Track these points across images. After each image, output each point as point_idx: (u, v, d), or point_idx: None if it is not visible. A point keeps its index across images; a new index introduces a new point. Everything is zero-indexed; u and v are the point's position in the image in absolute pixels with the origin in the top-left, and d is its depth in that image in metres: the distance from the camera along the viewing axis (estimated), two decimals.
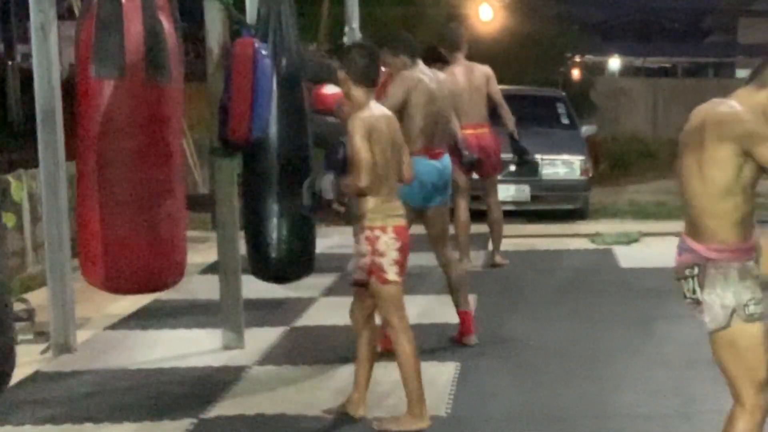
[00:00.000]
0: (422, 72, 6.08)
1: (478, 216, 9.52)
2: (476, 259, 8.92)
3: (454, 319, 6.70)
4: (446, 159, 6.15)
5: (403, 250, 4.75)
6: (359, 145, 4.56)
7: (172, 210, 5.07)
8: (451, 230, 7.00)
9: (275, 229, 6.05)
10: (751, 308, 3.61)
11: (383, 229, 4.68)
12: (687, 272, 3.63)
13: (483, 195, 8.90)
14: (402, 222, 4.77)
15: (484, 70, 8.68)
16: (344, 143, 4.69)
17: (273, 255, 6.00)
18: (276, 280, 6.40)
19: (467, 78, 8.51)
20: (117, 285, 5.14)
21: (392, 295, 4.75)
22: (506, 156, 10.94)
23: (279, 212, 6.00)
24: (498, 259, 8.75)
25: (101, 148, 4.90)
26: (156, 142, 4.94)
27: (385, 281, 4.71)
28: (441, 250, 6.22)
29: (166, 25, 4.93)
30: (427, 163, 5.93)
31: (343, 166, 4.69)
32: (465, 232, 8.44)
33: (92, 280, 5.19)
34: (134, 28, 4.79)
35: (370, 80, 4.72)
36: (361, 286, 4.82)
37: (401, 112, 5.77)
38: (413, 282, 7.89)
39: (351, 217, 5.27)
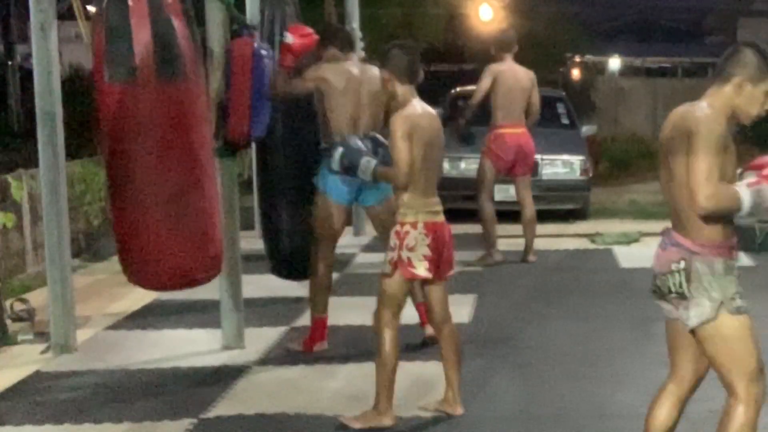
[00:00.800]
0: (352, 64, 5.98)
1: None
2: (476, 258, 8.92)
3: (454, 319, 6.69)
4: None
5: (436, 247, 4.76)
6: (399, 145, 4.67)
7: (203, 204, 5.08)
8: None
9: (291, 228, 6.12)
10: (738, 301, 3.74)
11: (414, 225, 4.73)
12: (673, 267, 3.65)
13: (517, 195, 9.07)
14: (436, 219, 4.81)
15: (530, 74, 8.96)
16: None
17: (289, 253, 6.07)
18: (292, 277, 6.50)
19: (513, 78, 8.78)
20: (157, 283, 5.23)
21: (397, 289, 4.77)
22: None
23: (294, 212, 6.05)
24: (530, 257, 8.94)
25: (120, 149, 4.94)
26: (174, 140, 4.95)
27: (413, 276, 4.75)
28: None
29: (177, 24, 4.94)
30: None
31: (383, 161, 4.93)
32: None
33: (134, 280, 5.24)
34: (142, 31, 4.80)
35: (413, 77, 4.82)
36: (386, 277, 4.80)
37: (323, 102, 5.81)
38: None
39: None
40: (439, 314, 5.00)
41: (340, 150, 5.03)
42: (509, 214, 9.66)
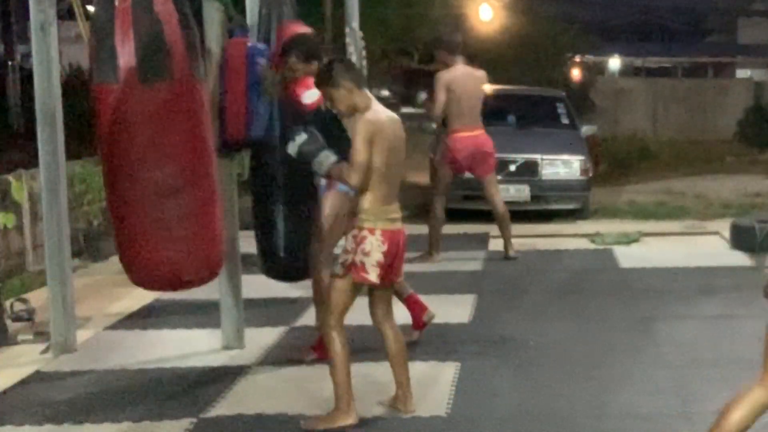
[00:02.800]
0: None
1: (484, 216, 9.54)
2: (476, 258, 8.93)
3: (454, 319, 6.72)
4: None
5: (390, 254, 4.77)
6: (359, 147, 4.67)
7: (195, 205, 5.05)
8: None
9: (284, 228, 6.08)
10: None
11: (372, 231, 4.74)
12: None
13: (485, 194, 9.07)
14: (394, 226, 4.81)
15: (482, 75, 8.98)
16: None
17: (283, 254, 6.04)
18: (286, 278, 6.46)
19: (467, 83, 8.77)
20: (160, 284, 5.20)
21: (347, 292, 4.79)
22: (507, 156, 10.99)
23: (287, 212, 6.03)
24: (511, 252, 9.00)
25: (110, 150, 4.93)
26: (162, 140, 4.92)
27: (364, 280, 4.75)
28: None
29: (168, 24, 4.91)
30: None
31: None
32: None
33: (132, 279, 5.20)
34: (126, 31, 4.79)
35: (362, 82, 4.84)
36: (336, 277, 4.82)
37: None
38: (413, 282, 7.91)
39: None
40: (381, 314, 4.98)
41: (303, 136, 4.93)
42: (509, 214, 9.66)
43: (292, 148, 4.94)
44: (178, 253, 4.98)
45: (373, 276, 4.74)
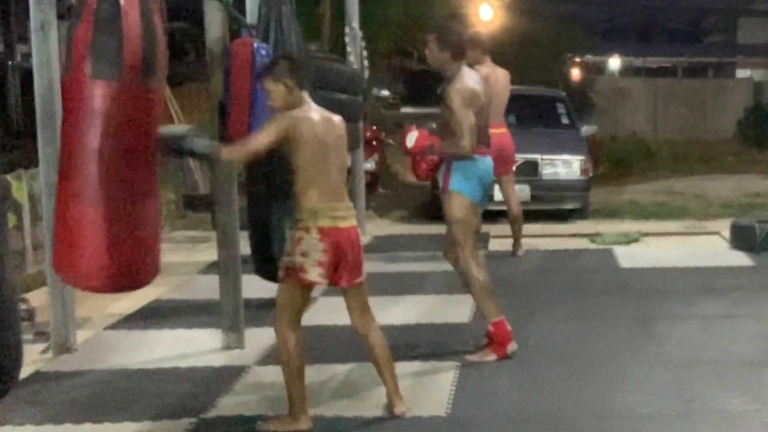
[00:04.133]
0: (469, 76, 5.98)
1: (484, 215, 9.52)
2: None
3: (454, 319, 6.72)
4: (489, 159, 6.19)
5: (333, 252, 4.69)
6: (266, 129, 4.65)
7: (153, 211, 5.06)
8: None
9: (279, 229, 6.07)
10: None
11: (307, 230, 4.68)
12: None
13: (502, 193, 9.30)
14: (336, 224, 4.71)
15: (506, 73, 9.16)
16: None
17: (277, 255, 6.02)
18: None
19: (497, 80, 8.90)
20: (95, 284, 5.06)
21: (291, 295, 4.77)
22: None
23: (283, 213, 6.01)
24: (519, 252, 9.19)
25: (90, 147, 4.85)
26: (143, 142, 4.92)
27: (303, 281, 4.71)
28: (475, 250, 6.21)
29: (159, 27, 4.92)
30: (484, 161, 6.08)
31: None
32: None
33: (68, 277, 5.12)
34: (133, 30, 4.77)
35: (301, 82, 4.75)
36: (280, 281, 4.82)
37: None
38: (413, 282, 7.92)
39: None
40: (360, 321, 4.93)
41: (184, 126, 5.07)
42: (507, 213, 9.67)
43: (168, 141, 4.94)
44: (138, 256, 4.98)
45: (313, 275, 4.68)
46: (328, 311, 7.01)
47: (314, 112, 4.77)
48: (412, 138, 5.97)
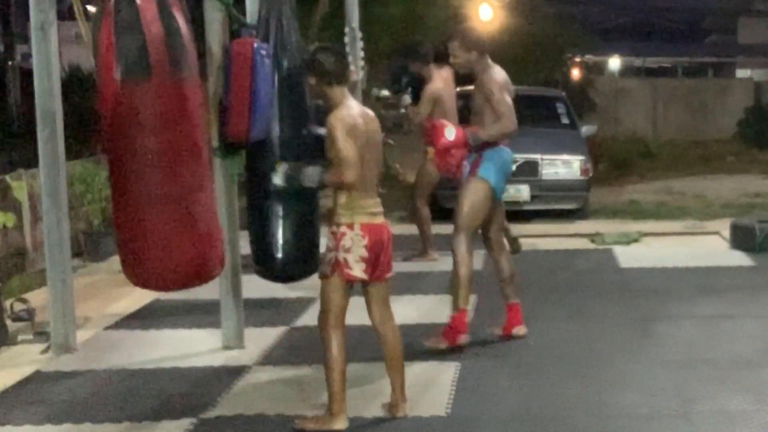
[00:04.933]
0: (498, 69, 6.30)
1: None
2: (476, 258, 8.91)
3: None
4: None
5: (374, 248, 4.73)
6: (342, 143, 4.63)
7: (207, 203, 5.06)
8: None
9: (279, 229, 6.06)
10: None
11: (350, 226, 4.70)
12: None
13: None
14: (374, 220, 4.77)
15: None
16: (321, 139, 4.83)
17: (278, 255, 6.02)
18: (280, 279, 6.43)
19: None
20: (161, 282, 5.10)
21: (336, 291, 4.75)
22: None
23: (283, 213, 6.01)
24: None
25: (132, 147, 4.86)
26: (184, 137, 4.91)
27: (349, 277, 4.72)
28: (498, 238, 6.45)
29: (182, 21, 4.92)
30: (509, 152, 6.24)
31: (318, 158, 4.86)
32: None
33: (137, 281, 5.12)
34: (154, 28, 4.77)
35: (341, 78, 4.79)
36: (324, 278, 4.80)
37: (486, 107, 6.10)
38: (414, 282, 7.91)
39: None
40: (378, 315, 4.94)
41: (283, 165, 4.97)
42: (509, 214, 9.66)
43: (278, 179, 4.95)
44: (197, 251, 4.96)
45: (357, 272, 4.71)
46: None
47: (356, 107, 4.81)
48: (451, 131, 6.11)
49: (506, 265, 6.44)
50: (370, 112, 4.91)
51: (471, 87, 6.57)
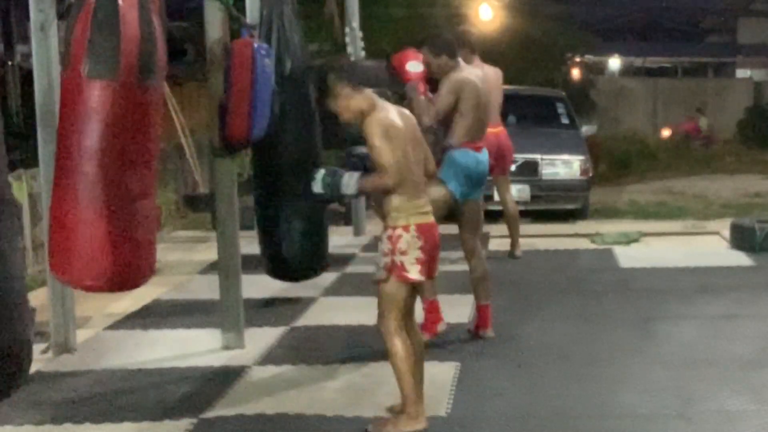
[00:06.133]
0: (469, 71, 6.34)
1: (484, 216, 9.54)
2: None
3: (455, 318, 6.71)
4: (485, 153, 6.40)
5: (428, 249, 4.73)
6: (380, 146, 4.57)
7: (149, 212, 5.05)
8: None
9: (288, 228, 6.08)
10: None
11: (406, 228, 4.68)
12: None
13: (498, 193, 9.23)
14: (427, 219, 4.76)
15: (498, 72, 9.03)
16: (364, 155, 4.74)
17: (287, 254, 6.04)
18: (291, 278, 6.46)
19: (486, 79, 8.80)
20: (92, 283, 4.99)
21: (396, 294, 4.71)
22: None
23: (292, 212, 6.03)
24: (517, 252, 9.15)
25: (85, 147, 4.83)
26: (138, 143, 4.90)
27: (407, 280, 4.70)
28: (470, 240, 6.41)
29: (158, 26, 4.91)
30: (473, 154, 6.22)
31: (364, 170, 4.74)
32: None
33: (65, 277, 5.06)
34: (131, 29, 4.76)
35: (358, 85, 4.72)
36: (380, 282, 4.74)
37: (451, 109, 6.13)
38: None
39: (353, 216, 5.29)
40: (410, 315, 4.93)
41: (321, 171, 4.85)
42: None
43: (317, 187, 4.81)
44: (134, 257, 4.93)
45: (414, 273, 4.68)
46: (328, 311, 7.02)
47: (392, 110, 4.77)
48: (415, 65, 6.10)
49: (478, 266, 6.45)
50: (406, 111, 4.89)
51: None
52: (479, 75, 6.38)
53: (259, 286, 7.29)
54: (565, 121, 12.75)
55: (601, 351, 6.10)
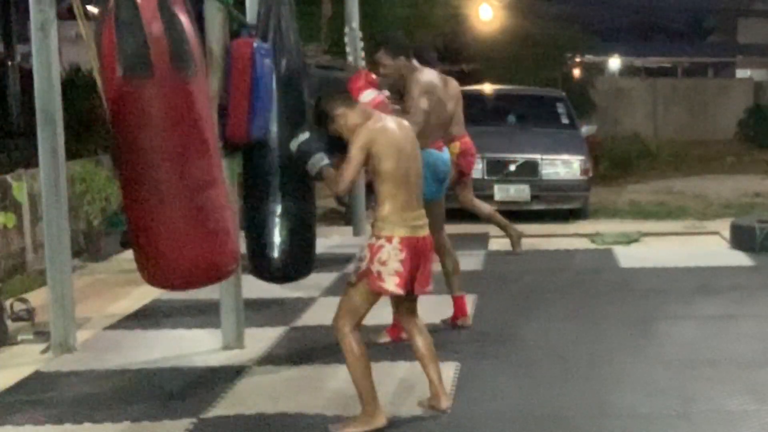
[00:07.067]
0: (428, 71, 6.39)
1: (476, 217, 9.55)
2: (476, 258, 8.92)
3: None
4: (447, 151, 6.52)
5: (410, 263, 4.70)
6: (353, 155, 4.66)
7: (219, 200, 5.04)
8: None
9: (276, 229, 6.05)
10: None
11: (389, 239, 4.68)
12: None
13: (462, 203, 9.16)
14: (415, 233, 4.74)
15: (456, 83, 8.84)
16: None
17: (274, 255, 6.00)
18: (276, 279, 6.41)
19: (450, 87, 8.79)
20: (173, 280, 5.03)
21: (360, 301, 4.73)
22: (507, 156, 11.04)
23: (280, 213, 6.00)
24: (518, 248, 9.27)
25: (144, 147, 4.85)
26: (190, 134, 4.89)
27: (381, 290, 4.70)
28: (440, 238, 6.42)
29: (184, 20, 4.91)
30: (436, 154, 6.29)
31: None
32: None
33: (150, 279, 5.04)
34: (155, 25, 4.76)
35: (351, 103, 4.83)
36: (351, 285, 4.80)
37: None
38: None
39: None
40: (406, 322, 5.00)
41: (305, 134, 4.96)
42: (507, 213, 9.68)
43: (293, 144, 4.96)
44: (210, 247, 4.92)
45: (390, 285, 4.67)
46: (328, 311, 7.00)
47: (388, 121, 4.80)
48: (369, 95, 5.91)
49: (448, 261, 6.58)
50: (405, 123, 4.92)
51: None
52: (436, 75, 6.46)
53: (259, 286, 7.27)
54: (565, 121, 12.74)
55: (601, 351, 6.10)
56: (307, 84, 6.14)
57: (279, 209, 5.98)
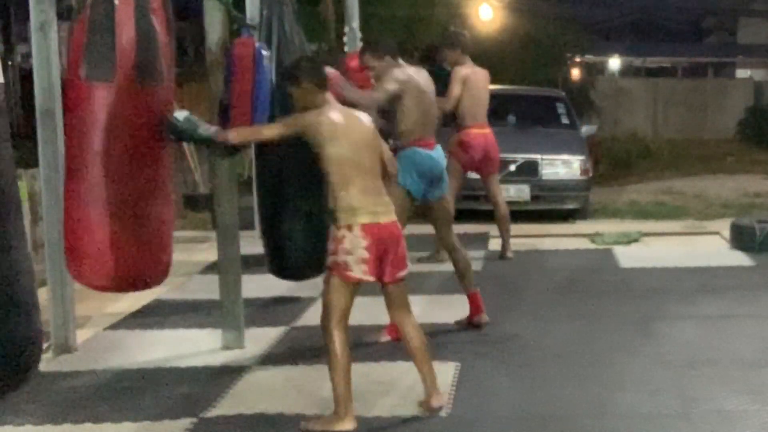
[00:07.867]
0: (412, 70, 6.45)
1: (484, 216, 9.56)
2: (476, 258, 8.92)
3: (454, 318, 6.72)
4: (439, 150, 6.48)
5: (376, 248, 4.73)
6: (286, 122, 4.84)
7: (160, 210, 5.05)
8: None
9: (292, 226, 6.11)
10: None
11: (349, 228, 4.70)
12: None
13: (488, 193, 9.15)
14: (377, 219, 4.75)
15: (486, 73, 8.98)
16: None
17: (292, 252, 6.07)
18: (294, 278, 6.50)
19: (478, 80, 8.87)
20: (104, 283, 5.06)
21: (336, 293, 4.74)
22: (507, 156, 11.04)
23: (293, 211, 6.04)
24: (508, 253, 9.07)
25: (90, 149, 4.85)
26: (144, 143, 4.91)
27: (349, 279, 4.72)
28: (447, 237, 6.57)
29: (159, 27, 4.91)
30: (423, 152, 6.32)
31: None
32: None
33: (78, 278, 5.14)
34: (126, 32, 4.76)
35: (324, 83, 4.88)
36: (325, 280, 4.83)
37: (395, 106, 6.27)
38: (413, 282, 7.91)
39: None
40: (398, 316, 5.00)
41: (185, 112, 5.09)
42: (509, 214, 9.66)
43: (180, 115, 5.04)
44: (143, 257, 4.98)
45: (358, 272, 4.70)
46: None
47: (337, 112, 4.81)
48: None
49: (460, 258, 6.62)
50: (362, 116, 4.93)
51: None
52: (415, 71, 6.46)
53: (259, 286, 7.30)
54: (565, 121, 12.75)
55: (601, 351, 6.10)
56: None
57: (294, 206, 6.03)
